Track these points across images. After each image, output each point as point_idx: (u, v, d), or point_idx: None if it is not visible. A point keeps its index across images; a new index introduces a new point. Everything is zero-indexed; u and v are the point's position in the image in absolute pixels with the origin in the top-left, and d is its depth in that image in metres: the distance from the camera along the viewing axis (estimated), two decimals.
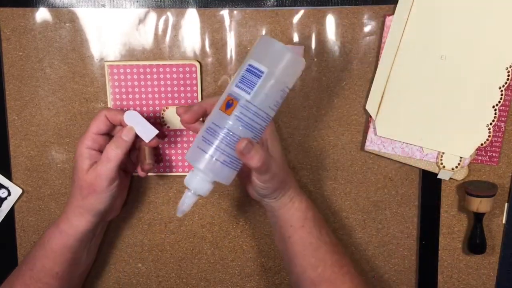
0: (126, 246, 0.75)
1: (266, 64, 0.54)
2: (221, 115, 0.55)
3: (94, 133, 0.63)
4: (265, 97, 0.55)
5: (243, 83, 0.55)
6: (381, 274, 0.78)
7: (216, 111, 0.56)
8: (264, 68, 0.54)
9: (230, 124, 0.55)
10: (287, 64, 0.55)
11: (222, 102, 0.56)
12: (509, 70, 0.69)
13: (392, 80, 0.70)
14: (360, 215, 0.76)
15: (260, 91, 0.55)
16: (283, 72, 0.55)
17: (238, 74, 0.56)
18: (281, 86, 0.56)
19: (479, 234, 0.74)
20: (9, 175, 0.73)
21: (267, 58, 0.55)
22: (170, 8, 0.69)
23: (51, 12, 0.69)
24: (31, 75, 0.70)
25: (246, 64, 0.56)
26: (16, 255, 0.75)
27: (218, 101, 0.57)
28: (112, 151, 0.61)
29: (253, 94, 0.54)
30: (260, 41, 0.57)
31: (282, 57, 0.55)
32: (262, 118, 0.56)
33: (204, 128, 0.57)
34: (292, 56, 0.55)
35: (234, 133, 0.55)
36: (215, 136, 0.55)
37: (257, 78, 0.54)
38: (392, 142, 0.72)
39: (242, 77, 0.55)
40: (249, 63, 0.55)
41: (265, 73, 0.54)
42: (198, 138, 0.57)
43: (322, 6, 0.70)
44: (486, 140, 0.71)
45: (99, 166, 0.61)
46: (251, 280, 0.77)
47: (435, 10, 0.68)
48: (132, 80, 0.70)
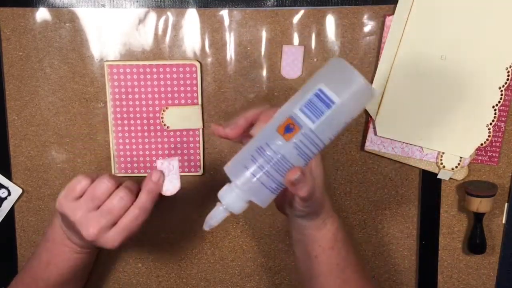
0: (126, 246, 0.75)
1: (338, 93, 0.49)
2: (278, 137, 0.50)
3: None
4: (328, 128, 0.50)
5: (310, 109, 0.49)
6: (381, 274, 0.78)
7: (272, 131, 0.50)
8: (336, 98, 0.49)
9: (286, 151, 0.49)
10: (360, 96, 0.50)
11: (280, 123, 0.50)
12: (509, 70, 0.69)
13: (392, 80, 0.70)
14: (360, 215, 0.76)
15: (326, 121, 0.49)
16: (354, 104, 0.50)
17: (304, 94, 0.50)
18: (348, 119, 0.50)
19: (479, 234, 0.74)
20: (9, 175, 0.73)
21: (339, 86, 0.49)
22: (170, 8, 0.69)
23: (51, 12, 0.69)
24: (31, 75, 0.70)
25: (315, 87, 0.50)
26: (16, 255, 0.75)
27: (274, 119, 0.51)
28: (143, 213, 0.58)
29: (318, 123, 0.49)
30: (333, 63, 0.51)
31: (356, 88, 0.49)
32: (318, 147, 0.51)
33: (253, 146, 0.51)
34: (367, 87, 0.49)
35: (288, 160, 0.50)
36: (266, 158, 0.50)
37: (326, 108, 0.49)
38: (392, 142, 0.72)
39: (309, 102, 0.49)
40: (320, 88, 0.49)
41: (336, 104, 0.49)
42: (245, 155, 0.51)
43: (322, 6, 0.70)
44: (486, 140, 0.71)
45: (122, 234, 0.56)
46: (251, 280, 0.77)
47: (435, 10, 0.68)
48: (132, 80, 0.70)
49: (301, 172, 0.49)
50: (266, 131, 0.51)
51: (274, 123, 0.51)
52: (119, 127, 0.71)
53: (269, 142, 0.50)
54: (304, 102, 0.50)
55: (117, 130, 0.71)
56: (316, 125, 0.49)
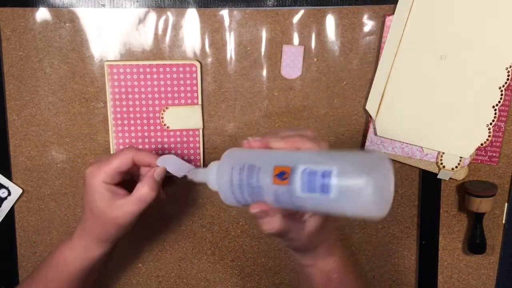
0: (126, 246, 0.75)
1: (340, 189, 0.44)
2: (269, 173, 0.48)
3: (114, 170, 0.59)
4: (312, 206, 0.47)
5: (308, 178, 0.46)
6: (381, 274, 0.78)
7: (271, 163, 0.49)
8: (334, 192, 0.44)
9: (266, 188, 0.49)
10: (360, 207, 0.44)
11: (281, 163, 0.48)
12: (509, 70, 0.69)
13: (392, 80, 0.70)
14: None
15: (313, 200, 0.46)
16: (349, 207, 0.45)
17: (321, 157, 0.47)
18: (337, 213, 0.46)
19: (479, 234, 0.74)
20: (9, 175, 0.73)
21: (350, 184, 0.44)
22: (170, 8, 0.69)
23: (51, 12, 0.69)
24: (31, 75, 0.70)
25: (332, 164, 0.45)
26: (16, 255, 0.75)
27: (285, 153, 0.50)
28: (147, 193, 0.58)
29: (304, 196, 0.46)
30: (378, 157, 0.46)
31: (361, 200, 0.43)
32: (297, 208, 0.49)
33: (253, 159, 0.51)
34: (375, 206, 0.43)
35: (263, 195, 0.49)
36: (249, 177, 0.50)
37: (320, 192, 0.45)
38: (392, 142, 0.72)
39: (313, 172, 0.45)
40: (331, 170, 0.44)
41: (330, 197, 0.44)
42: (242, 158, 0.52)
43: (322, 6, 0.70)
44: (486, 140, 0.71)
45: (129, 205, 0.58)
46: (251, 280, 0.77)
47: (435, 10, 0.68)
48: (132, 80, 0.70)
49: (261, 210, 0.50)
50: (269, 157, 0.50)
51: (280, 157, 0.49)
52: (119, 127, 0.71)
53: (262, 169, 0.49)
54: (311, 167, 0.46)
55: (117, 130, 0.71)
56: (302, 195, 0.46)
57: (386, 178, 0.45)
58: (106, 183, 0.59)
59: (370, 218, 0.44)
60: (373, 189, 0.42)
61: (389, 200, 0.45)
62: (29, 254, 0.75)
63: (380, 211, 0.44)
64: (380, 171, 0.44)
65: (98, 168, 0.59)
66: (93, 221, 0.60)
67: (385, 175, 0.45)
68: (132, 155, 0.59)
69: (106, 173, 0.59)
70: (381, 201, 0.44)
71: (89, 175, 0.59)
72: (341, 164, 0.45)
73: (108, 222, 0.59)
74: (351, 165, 0.44)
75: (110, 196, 0.59)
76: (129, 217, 0.59)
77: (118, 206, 0.58)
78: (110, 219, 0.59)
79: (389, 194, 0.45)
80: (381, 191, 0.43)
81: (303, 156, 0.48)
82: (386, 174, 0.45)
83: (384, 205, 0.44)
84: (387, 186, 0.45)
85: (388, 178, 0.45)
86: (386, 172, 0.45)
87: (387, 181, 0.45)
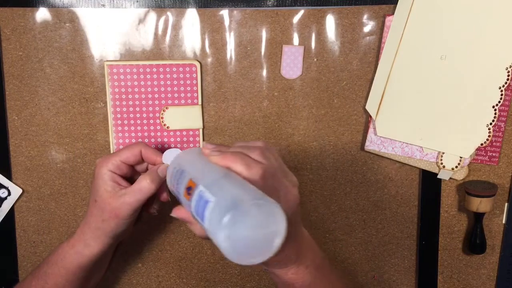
0: (126, 246, 0.75)
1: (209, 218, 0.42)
2: (183, 187, 0.49)
3: (121, 161, 0.61)
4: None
5: (197, 200, 0.44)
6: (381, 274, 0.78)
7: (187, 176, 0.49)
8: (207, 220, 0.42)
9: (181, 199, 0.49)
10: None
11: (196, 177, 0.47)
12: (509, 70, 0.69)
13: (392, 80, 0.70)
14: (360, 215, 0.76)
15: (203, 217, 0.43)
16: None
17: (214, 173, 0.46)
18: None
19: (479, 234, 0.74)
20: (9, 175, 0.73)
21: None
22: (170, 8, 0.69)
23: (51, 12, 0.69)
24: (31, 75, 0.70)
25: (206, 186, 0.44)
26: (16, 255, 0.75)
27: (205, 171, 0.49)
28: (147, 184, 0.58)
29: (192, 213, 0.45)
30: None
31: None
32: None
33: (184, 165, 0.52)
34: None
35: (181, 201, 0.49)
36: (175, 177, 0.52)
37: (200, 217, 0.43)
38: (392, 142, 0.73)
39: (201, 195, 0.44)
40: (202, 190, 0.44)
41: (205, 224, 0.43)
42: (177, 160, 0.55)
43: (322, 6, 0.70)
44: (486, 140, 0.71)
45: (128, 195, 0.59)
46: (251, 280, 0.77)
47: (435, 10, 0.68)
48: (132, 80, 0.70)
49: (178, 216, 0.52)
50: (195, 168, 0.50)
51: (201, 171, 0.49)
52: (119, 127, 0.71)
53: (185, 177, 0.49)
54: (204, 190, 0.44)
55: (117, 130, 0.71)
56: (194, 214, 0.45)
57: (254, 232, 0.40)
58: (111, 172, 0.60)
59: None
60: (225, 237, 0.39)
61: (250, 254, 0.40)
62: (29, 254, 0.75)
63: (239, 260, 0.40)
64: (250, 224, 0.39)
65: (107, 158, 0.61)
66: (95, 212, 0.61)
67: (255, 230, 0.40)
68: (140, 149, 0.61)
69: (113, 163, 0.60)
70: (233, 252, 0.39)
71: (97, 164, 0.61)
72: (221, 198, 0.41)
73: (108, 212, 0.59)
74: (227, 203, 0.40)
75: (113, 185, 0.60)
76: (127, 209, 0.59)
77: (118, 196, 0.59)
78: (109, 209, 0.59)
79: (254, 249, 0.40)
80: (239, 242, 0.39)
81: (210, 177, 0.46)
82: (257, 229, 0.40)
83: (242, 257, 0.40)
84: (254, 241, 0.40)
85: (259, 234, 0.40)
86: (260, 227, 0.40)
87: (256, 237, 0.40)
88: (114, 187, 0.60)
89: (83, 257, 0.62)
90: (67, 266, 0.62)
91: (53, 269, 0.63)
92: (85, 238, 0.62)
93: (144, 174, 0.60)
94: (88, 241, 0.61)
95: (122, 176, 0.61)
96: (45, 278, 0.63)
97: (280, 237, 0.41)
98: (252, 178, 0.47)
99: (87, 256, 0.62)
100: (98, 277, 0.68)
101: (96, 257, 0.62)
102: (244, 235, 0.39)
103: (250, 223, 0.39)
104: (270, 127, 0.73)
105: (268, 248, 0.41)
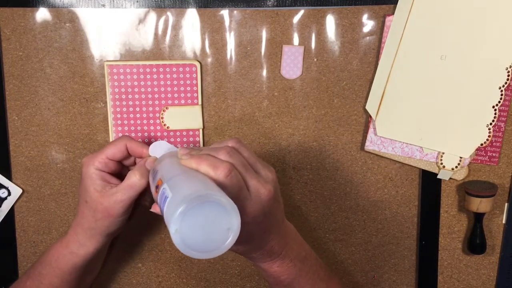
0: (126, 246, 0.75)
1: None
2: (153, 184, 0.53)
3: (108, 158, 0.60)
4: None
5: (161, 195, 0.47)
6: (381, 274, 0.78)
7: (155, 175, 0.53)
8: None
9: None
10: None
11: (164, 176, 0.50)
12: (509, 70, 0.69)
13: (392, 80, 0.70)
14: (360, 215, 0.76)
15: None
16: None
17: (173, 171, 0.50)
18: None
19: (479, 234, 0.74)
20: (9, 175, 0.73)
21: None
22: (170, 8, 0.69)
23: (51, 12, 0.69)
24: (31, 75, 0.70)
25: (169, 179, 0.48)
26: (16, 255, 0.75)
27: (170, 170, 0.52)
28: (137, 180, 0.58)
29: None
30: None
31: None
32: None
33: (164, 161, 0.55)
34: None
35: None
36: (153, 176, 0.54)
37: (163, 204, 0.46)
38: (392, 142, 0.73)
39: (163, 191, 0.47)
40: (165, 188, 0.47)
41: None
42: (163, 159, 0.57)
43: (322, 6, 0.70)
44: (486, 140, 0.71)
45: (120, 193, 0.58)
46: (251, 280, 0.77)
47: (435, 10, 0.68)
48: (132, 80, 0.70)
49: (156, 212, 0.52)
50: (166, 168, 0.52)
51: (169, 170, 0.51)
52: (119, 127, 0.71)
53: (156, 176, 0.52)
54: (166, 188, 0.46)
55: (117, 130, 0.71)
56: (159, 206, 0.47)
57: (203, 228, 0.41)
58: (99, 170, 0.59)
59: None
60: (174, 231, 0.41)
61: (202, 249, 0.42)
62: (29, 254, 0.75)
63: (189, 254, 0.42)
64: (198, 220, 0.41)
65: (93, 156, 0.60)
66: (86, 212, 0.60)
67: (205, 226, 0.41)
68: (125, 143, 0.60)
69: (100, 161, 0.60)
70: (182, 245, 0.41)
71: (84, 164, 0.60)
72: (175, 194, 0.43)
73: (100, 212, 0.59)
74: (179, 199, 0.42)
75: (102, 184, 0.59)
76: (120, 207, 0.58)
77: (109, 195, 0.58)
78: (101, 209, 0.58)
79: (206, 244, 0.42)
80: (188, 236, 0.41)
81: (173, 175, 0.48)
82: (207, 225, 0.41)
83: (192, 251, 0.42)
84: (205, 237, 0.42)
85: (210, 230, 0.42)
86: (210, 223, 0.42)
87: (207, 233, 0.42)
88: (104, 186, 0.59)
89: (78, 257, 0.61)
90: (62, 266, 0.62)
91: (47, 270, 0.62)
92: (79, 239, 0.61)
93: (133, 170, 0.59)
94: (83, 241, 0.61)
95: (111, 173, 0.61)
96: (40, 279, 0.63)
97: (234, 233, 0.42)
98: (217, 178, 0.48)
99: (82, 256, 0.61)
100: (94, 275, 0.68)
101: (91, 256, 0.62)
102: (193, 231, 0.41)
103: (198, 219, 0.41)
104: (270, 127, 0.73)
105: (221, 244, 0.43)
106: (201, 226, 0.41)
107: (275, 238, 0.56)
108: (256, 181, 0.52)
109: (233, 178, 0.49)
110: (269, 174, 0.54)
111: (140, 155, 0.61)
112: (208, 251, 0.42)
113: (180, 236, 0.41)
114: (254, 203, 0.51)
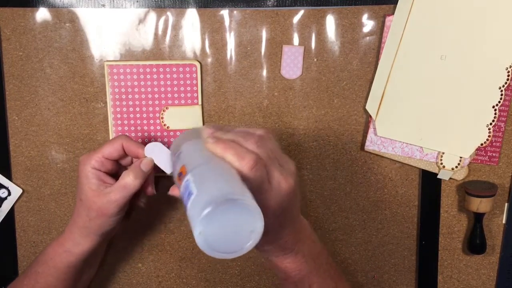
0: (126, 246, 0.75)
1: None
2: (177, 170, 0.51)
3: (104, 157, 0.60)
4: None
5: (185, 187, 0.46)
6: (381, 274, 0.78)
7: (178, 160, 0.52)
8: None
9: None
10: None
11: (187, 163, 0.49)
12: (509, 70, 0.69)
13: (392, 80, 0.70)
14: (360, 215, 0.76)
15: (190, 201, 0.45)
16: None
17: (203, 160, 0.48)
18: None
19: (479, 234, 0.74)
20: (9, 175, 0.73)
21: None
22: (170, 8, 0.69)
23: (51, 12, 0.69)
24: (31, 75, 0.70)
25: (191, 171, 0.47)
26: (16, 255, 0.75)
27: (198, 156, 0.50)
28: (131, 181, 0.58)
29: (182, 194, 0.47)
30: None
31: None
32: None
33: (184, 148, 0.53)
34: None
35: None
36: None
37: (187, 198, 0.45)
38: (392, 142, 0.73)
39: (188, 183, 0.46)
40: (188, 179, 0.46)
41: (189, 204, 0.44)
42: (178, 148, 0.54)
43: (322, 6, 0.70)
44: (486, 140, 0.71)
45: (113, 193, 0.58)
46: (251, 280, 0.77)
47: (435, 10, 0.68)
48: (132, 80, 0.70)
49: (174, 195, 0.52)
50: (190, 153, 0.51)
51: (193, 157, 0.50)
52: (119, 127, 0.71)
53: (180, 161, 0.51)
54: (191, 180, 0.45)
55: (117, 130, 0.71)
56: (182, 196, 0.46)
57: (227, 230, 0.41)
58: (95, 169, 0.60)
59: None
60: (199, 232, 0.40)
61: (224, 250, 0.42)
62: (29, 254, 0.75)
63: (212, 254, 0.42)
64: (223, 223, 0.41)
65: (89, 155, 0.60)
66: (82, 211, 0.60)
67: (229, 228, 0.41)
68: (122, 142, 0.60)
69: (96, 159, 0.60)
70: (206, 246, 0.41)
71: (80, 162, 0.60)
72: (201, 193, 0.43)
73: (94, 211, 0.59)
74: (205, 201, 0.41)
75: (97, 183, 0.59)
76: (114, 206, 0.58)
77: (103, 194, 0.58)
78: (95, 208, 0.59)
79: (229, 245, 0.42)
80: (212, 239, 0.41)
81: (197, 164, 0.47)
82: (231, 227, 0.41)
83: (215, 252, 0.42)
84: (229, 238, 0.41)
85: (233, 232, 0.42)
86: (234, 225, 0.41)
87: (230, 235, 0.41)
88: (99, 185, 0.59)
89: (73, 256, 0.62)
90: (57, 265, 0.62)
91: (43, 269, 0.63)
92: (74, 237, 0.61)
93: (128, 171, 0.59)
94: (77, 239, 0.61)
95: (107, 172, 0.61)
96: (36, 277, 0.63)
97: (256, 236, 0.42)
98: (242, 169, 0.47)
99: (76, 254, 0.62)
100: (89, 275, 0.68)
101: (86, 255, 0.62)
102: (217, 233, 0.41)
103: (222, 221, 0.41)
104: (270, 127, 0.73)
105: (243, 245, 0.42)
106: (224, 227, 0.41)
107: (289, 233, 0.55)
108: (279, 173, 0.50)
109: (257, 171, 0.48)
110: (292, 167, 0.53)
111: (136, 155, 0.62)
112: (230, 252, 0.42)
113: (204, 238, 0.41)
114: (275, 196, 0.50)
